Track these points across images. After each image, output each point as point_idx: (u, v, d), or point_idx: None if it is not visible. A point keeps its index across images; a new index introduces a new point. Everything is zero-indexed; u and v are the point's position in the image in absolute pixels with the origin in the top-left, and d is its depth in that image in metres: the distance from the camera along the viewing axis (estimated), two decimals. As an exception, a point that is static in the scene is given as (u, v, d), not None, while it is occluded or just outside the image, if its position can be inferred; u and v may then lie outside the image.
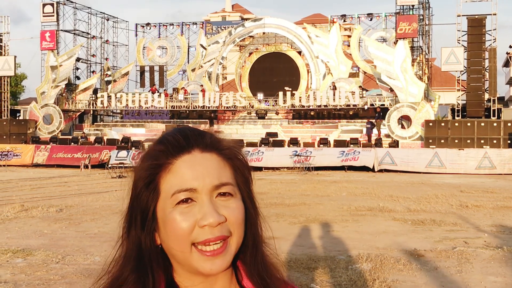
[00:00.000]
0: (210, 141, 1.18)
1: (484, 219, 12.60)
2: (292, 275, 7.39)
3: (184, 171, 1.14)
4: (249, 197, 1.21)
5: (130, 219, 1.18)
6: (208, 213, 1.11)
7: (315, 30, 41.72)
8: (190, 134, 1.18)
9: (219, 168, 1.16)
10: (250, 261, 1.20)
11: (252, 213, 1.20)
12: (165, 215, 1.14)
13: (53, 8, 40.47)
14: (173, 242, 1.13)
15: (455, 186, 21.32)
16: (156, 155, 1.16)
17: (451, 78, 44.56)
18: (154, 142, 1.20)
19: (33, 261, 8.29)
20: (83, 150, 33.36)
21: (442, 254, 8.81)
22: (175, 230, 1.12)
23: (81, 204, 15.05)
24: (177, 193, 1.12)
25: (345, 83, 38.52)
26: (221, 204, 1.14)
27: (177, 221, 1.12)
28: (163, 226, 1.14)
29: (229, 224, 1.13)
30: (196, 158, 1.15)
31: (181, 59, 44.92)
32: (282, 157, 30.60)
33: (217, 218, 1.11)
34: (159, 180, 1.15)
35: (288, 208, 14.47)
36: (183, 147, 1.16)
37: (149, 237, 1.17)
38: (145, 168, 1.16)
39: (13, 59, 40.72)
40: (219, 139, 1.21)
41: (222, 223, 1.12)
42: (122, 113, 44.03)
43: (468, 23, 34.15)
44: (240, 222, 1.15)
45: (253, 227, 1.20)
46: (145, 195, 1.16)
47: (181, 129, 1.21)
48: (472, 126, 31.10)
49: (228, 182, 1.16)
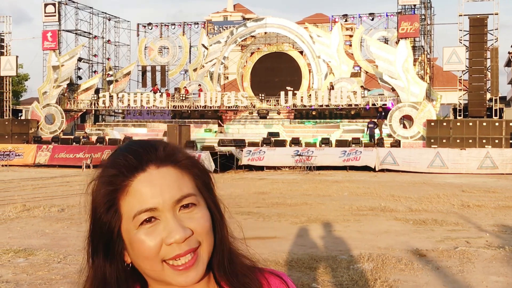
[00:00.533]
0: (164, 155, 1.16)
1: (485, 219, 12.59)
2: (293, 275, 7.39)
3: (142, 191, 1.12)
4: (213, 202, 1.21)
5: (93, 246, 1.17)
6: (173, 230, 1.10)
7: (316, 30, 41.69)
8: (141, 152, 1.16)
9: (177, 181, 1.14)
10: (219, 261, 1.20)
11: (218, 218, 1.20)
12: (130, 236, 1.12)
13: (55, 8, 40.49)
14: (143, 262, 1.12)
15: (456, 186, 21.30)
16: (111, 180, 1.14)
17: (453, 77, 44.51)
18: (105, 166, 1.17)
19: (35, 260, 8.30)
20: (85, 150, 33.35)
21: (443, 254, 8.81)
22: (142, 251, 1.11)
23: (82, 204, 15.01)
24: (138, 215, 1.11)
25: (346, 83, 38.49)
26: (185, 216, 1.13)
27: (143, 241, 1.10)
28: (131, 247, 1.13)
29: (197, 235, 1.12)
30: (152, 175, 1.13)
31: (183, 59, 44.93)
32: (284, 157, 30.58)
33: (183, 234, 1.10)
34: (119, 203, 1.14)
35: (290, 208, 14.47)
36: (137, 166, 1.13)
37: (116, 261, 1.15)
38: (102, 194, 1.15)
39: (15, 59, 40.76)
40: (173, 150, 1.18)
41: (189, 238, 1.11)
42: (124, 113, 44.02)
43: (470, 23, 34.13)
44: (207, 231, 1.15)
45: (220, 230, 1.20)
46: (107, 219, 1.14)
47: (131, 147, 1.18)
48: (474, 126, 31.05)
49: (190, 193, 1.14)
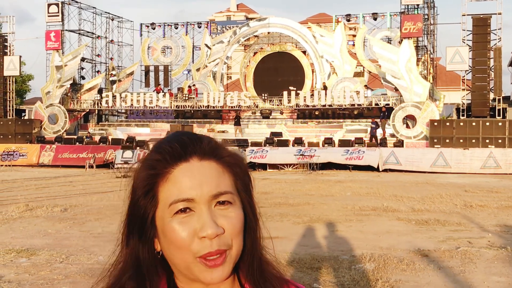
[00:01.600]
0: (208, 148, 1.17)
1: (488, 219, 12.57)
2: (295, 275, 7.40)
3: (182, 180, 1.13)
4: (250, 204, 1.21)
5: (129, 227, 1.18)
6: (206, 224, 1.11)
7: (319, 29, 41.68)
8: (187, 141, 1.17)
9: (217, 177, 1.15)
10: (249, 265, 1.20)
11: (252, 220, 1.20)
12: (164, 224, 1.13)
13: (58, 8, 40.52)
14: (174, 251, 1.13)
15: (459, 185, 21.27)
16: (153, 165, 1.15)
17: (456, 77, 44.43)
18: (150, 151, 1.19)
19: (37, 260, 8.32)
20: (88, 149, 33.42)
21: (445, 254, 8.80)
22: (175, 240, 1.12)
23: (85, 204, 15.08)
24: (175, 203, 1.12)
25: (349, 82, 38.49)
26: (220, 213, 1.13)
27: (176, 231, 1.11)
28: (163, 235, 1.14)
29: (227, 235, 1.13)
30: (194, 166, 1.14)
31: (186, 58, 44.96)
32: (286, 155, 30.56)
33: (215, 229, 1.11)
34: (158, 189, 1.14)
35: (292, 207, 14.47)
36: (181, 155, 1.14)
37: (147, 246, 1.16)
38: (142, 177, 1.16)
39: (18, 59, 40.81)
40: (218, 146, 1.19)
41: (220, 235, 1.12)
42: (127, 113, 44.07)
43: (473, 23, 34.03)
44: (238, 232, 1.15)
45: (253, 233, 1.20)
46: (143, 203, 1.15)
47: (178, 136, 1.19)
48: (477, 126, 30.99)
49: (227, 190, 1.15)
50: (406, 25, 34.69)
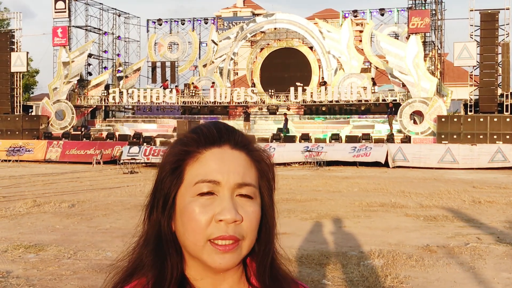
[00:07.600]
0: (240, 140, 1.20)
1: (497, 215, 12.51)
2: (303, 271, 7.38)
3: (211, 163, 1.15)
4: (269, 202, 1.22)
5: (153, 202, 1.20)
6: (226, 209, 1.12)
7: (326, 25, 41.54)
8: (223, 130, 1.20)
9: (245, 168, 1.17)
10: (260, 264, 1.21)
11: (268, 220, 1.21)
12: (184, 203, 1.15)
13: (65, 4, 40.56)
14: (188, 233, 1.14)
15: (467, 181, 21.20)
16: (187, 142, 1.18)
17: (464, 73, 44.25)
18: (188, 131, 1.22)
19: (45, 256, 8.32)
20: (95, 146, 33.51)
21: (454, 250, 8.75)
22: (192, 222, 1.13)
23: (93, 200, 15.09)
24: (200, 183, 1.14)
25: (356, 78, 38.41)
26: (240, 204, 1.15)
27: (195, 212, 1.12)
28: (180, 216, 1.15)
29: (243, 226, 1.14)
30: (225, 153, 1.17)
31: (193, 54, 44.97)
32: (293, 153, 30.54)
33: (235, 215, 1.12)
34: (185, 167, 1.16)
35: (300, 203, 14.44)
36: (215, 140, 1.17)
37: (167, 221, 1.18)
38: (173, 153, 1.18)
39: (25, 55, 40.90)
40: (249, 140, 1.22)
41: (237, 222, 1.12)
42: (134, 109, 44.18)
43: (481, 18, 33.87)
44: (253, 227, 1.16)
45: (268, 232, 1.21)
46: (169, 180, 1.17)
47: (216, 123, 1.23)
48: (485, 122, 30.87)
49: (251, 183, 1.17)
50: (413, 20, 34.55)
